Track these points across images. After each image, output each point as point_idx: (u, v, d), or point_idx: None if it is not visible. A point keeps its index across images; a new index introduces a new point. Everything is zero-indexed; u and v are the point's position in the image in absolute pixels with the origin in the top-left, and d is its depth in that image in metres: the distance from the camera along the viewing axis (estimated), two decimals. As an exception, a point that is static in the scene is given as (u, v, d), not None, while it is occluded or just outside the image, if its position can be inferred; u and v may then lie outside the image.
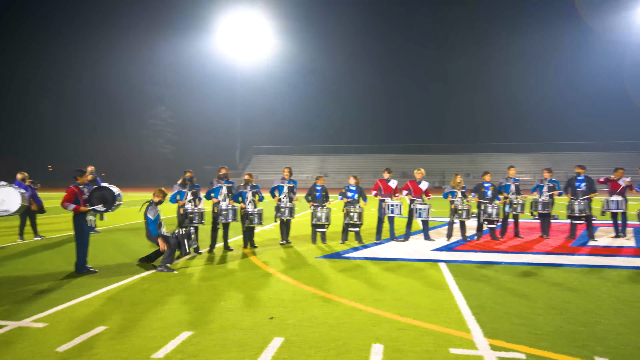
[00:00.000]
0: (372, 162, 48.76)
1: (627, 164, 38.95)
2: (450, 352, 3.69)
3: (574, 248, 8.67)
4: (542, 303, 5.03)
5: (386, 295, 5.42)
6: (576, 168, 9.81)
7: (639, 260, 7.52)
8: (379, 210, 9.54)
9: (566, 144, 48.21)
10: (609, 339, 3.93)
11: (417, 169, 9.81)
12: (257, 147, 56.52)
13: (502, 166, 10.72)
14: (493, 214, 9.34)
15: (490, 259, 7.61)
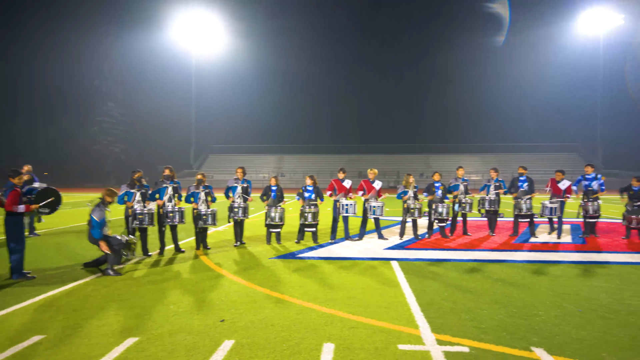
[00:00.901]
0: (329, 162, 49.10)
1: (569, 166, 41.58)
2: (398, 349, 3.77)
3: (517, 245, 9.13)
4: (487, 298, 5.26)
5: (339, 294, 5.46)
6: (519, 169, 10.34)
7: (575, 255, 8.03)
8: (334, 210, 9.62)
9: (514, 145, 50.74)
10: (544, 330, 4.17)
11: (370, 169, 9.97)
12: (213, 146, 55.43)
13: (454, 166, 11.10)
14: (443, 213, 9.67)
15: (440, 257, 7.86)
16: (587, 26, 44.56)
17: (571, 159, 47.51)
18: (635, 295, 5.33)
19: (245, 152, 54.49)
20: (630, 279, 6.20)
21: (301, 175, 42.99)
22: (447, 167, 40.41)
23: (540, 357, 3.57)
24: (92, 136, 50.94)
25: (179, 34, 47.46)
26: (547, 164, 43.61)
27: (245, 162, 47.43)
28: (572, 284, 5.88)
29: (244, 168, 9.42)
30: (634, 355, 3.62)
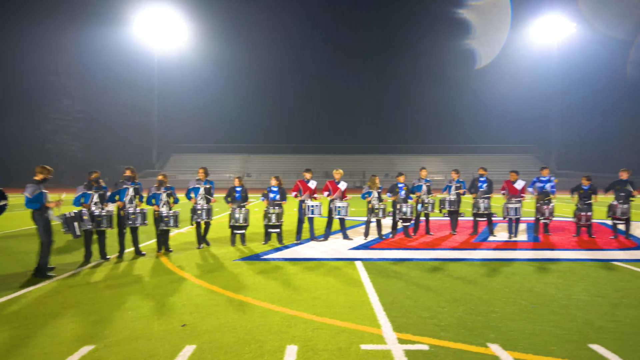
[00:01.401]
0: (296, 163, 49.04)
1: (525, 167, 43.35)
2: (361, 349, 3.82)
3: (476, 243, 9.44)
4: (447, 296, 5.41)
5: (303, 295, 5.47)
6: (480, 170, 10.69)
7: (529, 253, 8.39)
8: (299, 210, 9.62)
9: (475, 147, 52.44)
10: (500, 326, 4.33)
11: (336, 170, 10.05)
12: (176, 145, 54.16)
13: (418, 167, 11.33)
14: (407, 213, 9.87)
15: (403, 256, 8.02)
16: (543, 33, 46.61)
17: (527, 160, 49.62)
18: (583, 291, 5.63)
19: (209, 151, 53.58)
20: (579, 274, 6.54)
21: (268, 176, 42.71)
22: (412, 167, 41.22)
23: (495, 353, 3.71)
24: (46, 134, 48.53)
25: (141, 29, 46.05)
26: (506, 165, 45.31)
27: (209, 162, 46.65)
28: (527, 281, 6.15)
29: (206, 168, 9.27)
30: (579, 347, 3.83)
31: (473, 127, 54.31)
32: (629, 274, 6.62)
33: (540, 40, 47.19)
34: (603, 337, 4.06)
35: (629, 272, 6.70)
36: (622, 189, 9.76)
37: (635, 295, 5.42)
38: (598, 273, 6.66)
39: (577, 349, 3.80)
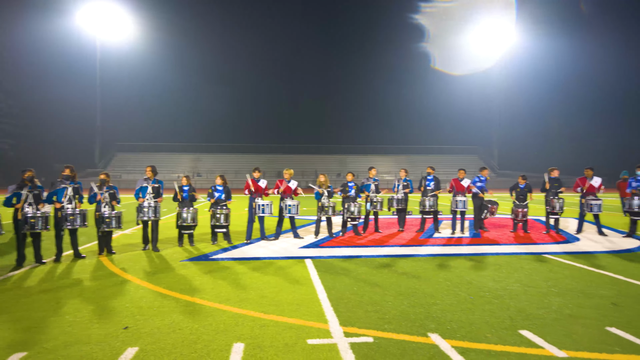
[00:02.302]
0: (248, 162, 48.44)
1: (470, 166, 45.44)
2: (307, 343, 3.88)
3: (423, 240, 9.81)
4: (392, 290, 5.59)
5: (252, 294, 5.45)
6: (428, 169, 11.11)
7: (470, 248, 8.84)
8: (250, 210, 9.55)
9: (423, 147, 54.24)
10: (440, 317, 4.55)
11: (287, 169, 10.07)
12: (121, 143, 51.78)
13: (369, 166, 11.58)
14: (356, 212, 10.07)
15: (352, 253, 8.18)
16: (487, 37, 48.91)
17: (472, 160, 52.02)
18: (517, 282, 6.02)
19: (158, 150, 51.66)
20: (513, 267, 6.98)
21: (218, 175, 41.94)
22: (363, 167, 41.95)
23: (434, 342, 3.89)
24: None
25: (82, 19, 43.56)
26: (452, 164, 47.26)
27: (157, 161, 45.02)
28: (466, 274, 6.48)
29: (154, 167, 8.97)
30: (511, 333, 4.11)
31: (422, 129, 56.18)
32: (557, 265, 7.15)
33: (483, 44, 49.49)
34: (532, 323, 4.37)
35: (557, 264, 7.23)
36: (553, 185, 10.51)
37: (562, 285, 5.87)
38: (531, 265, 7.13)
39: (509, 335, 4.06)
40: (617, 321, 4.42)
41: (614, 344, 3.84)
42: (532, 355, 3.63)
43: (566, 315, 4.62)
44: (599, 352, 3.67)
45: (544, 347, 3.78)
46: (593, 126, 50.72)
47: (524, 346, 3.80)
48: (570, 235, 10.46)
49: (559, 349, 3.72)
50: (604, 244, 9.15)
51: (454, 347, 3.78)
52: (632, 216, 9.97)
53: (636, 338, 3.97)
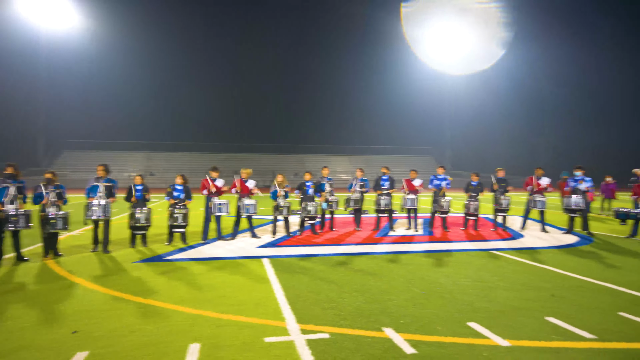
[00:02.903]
0: (204, 161, 47.45)
1: (424, 166, 46.83)
2: (265, 341, 3.90)
3: (378, 238, 10.04)
4: (348, 287, 5.71)
5: (208, 294, 5.39)
6: (383, 169, 11.39)
7: (424, 245, 9.15)
8: (206, 209, 9.40)
9: (379, 147, 55.29)
10: (394, 312, 4.71)
11: (244, 168, 10.01)
12: (69, 140, 49.17)
13: (323, 166, 11.71)
14: (313, 211, 10.15)
15: (309, 252, 8.26)
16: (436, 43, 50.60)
17: (426, 160, 53.67)
18: (466, 277, 6.32)
19: (108, 148, 49.48)
20: (464, 263, 7.31)
21: (173, 175, 40.81)
22: (320, 167, 42.24)
23: (388, 336, 4.03)
24: None
25: (24, 6, 40.96)
26: (407, 165, 48.53)
27: (109, 159, 43.13)
28: (420, 271, 6.72)
29: (107, 165, 8.62)
30: (460, 325, 4.32)
31: (379, 129, 57.22)
32: (504, 260, 7.55)
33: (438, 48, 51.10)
34: (479, 315, 4.61)
35: (504, 259, 7.64)
36: (500, 185, 11.09)
37: (508, 279, 6.22)
38: (480, 261, 7.49)
39: (458, 327, 4.27)
40: (555, 311, 4.75)
41: (551, 333, 4.13)
42: (479, 345, 3.84)
43: (510, 307, 4.91)
44: (539, 341, 3.94)
45: (489, 337, 4.01)
46: (537, 128, 53.83)
47: (472, 337, 4.01)
48: (515, 232, 11.06)
49: (503, 339, 3.96)
50: (546, 240, 9.76)
51: (407, 340, 3.93)
52: (570, 214, 10.70)
53: (571, 326, 4.29)
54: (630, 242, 9.60)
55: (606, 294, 5.44)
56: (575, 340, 3.96)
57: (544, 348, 3.77)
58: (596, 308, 4.87)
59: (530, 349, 3.75)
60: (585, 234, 10.59)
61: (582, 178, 10.59)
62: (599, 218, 14.48)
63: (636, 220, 10.10)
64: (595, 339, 3.97)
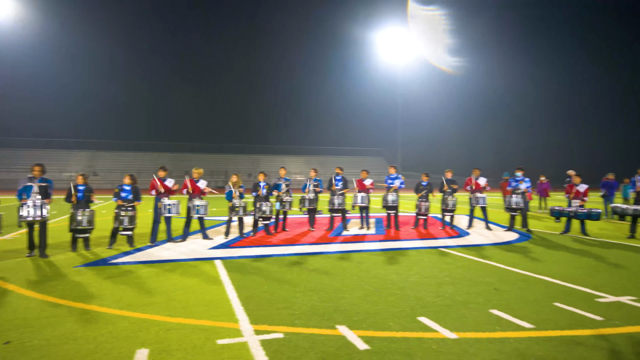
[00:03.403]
0: (152, 160, 45.75)
1: (377, 167, 47.78)
2: (217, 344, 3.81)
3: (332, 238, 10.13)
4: (302, 287, 5.71)
5: (157, 298, 5.20)
6: (336, 169, 11.50)
7: (377, 244, 9.33)
8: (155, 210, 9.07)
9: (333, 148, 55.86)
10: (348, 310, 4.76)
11: (196, 168, 9.76)
12: (1, 138, 45.72)
13: (280, 167, 11.66)
14: (267, 211, 10.07)
15: (263, 253, 8.18)
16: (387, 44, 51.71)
17: (378, 161, 54.85)
18: (417, 274, 6.51)
19: (46, 146, 46.50)
20: (414, 260, 7.53)
21: (118, 175, 38.92)
22: (274, 167, 41.99)
23: (342, 333, 4.07)
24: None
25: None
26: (360, 165, 49.32)
27: (47, 158, 40.50)
28: (373, 269, 6.84)
29: (43, 165, 8.06)
30: (411, 320, 4.44)
31: (332, 131, 57.87)
32: (452, 257, 7.86)
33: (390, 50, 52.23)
34: (429, 310, 4.77)
35: (452, 256, 7.94)
36: (449, 185, 11.54)
37: (455, 275, 6.47)
38: (429, 258, 7.75)
39: (409, 322, 4.39)
40: (498, 304, 5.00)
41: (495, 324, 4.35)
42: (429, 338, 3.96)
43: (457, 301, 5.11)
44: (483, 332, 4.13)
45: (438, 330, 4.15)
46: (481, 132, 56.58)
47: (422, 331, 4.13)
48: (462, 230, 11.55)
49: (451, 332, 4.11)
50: (490, 237, 10.26)
51: (360, 336, 3.98)
52: (511, 212, 11.32)
53: (512, 317, 4.53)
54: (564, 237, 10.30)
55: (543, 286, 5.80)
56: (516, 330, 4.18)
57: (489, 338, 3.96)
58: (534, 299, 5.18)
59: (475, 340, 3.92)
60: (525, 231, 11.25)
61: (522, 179, 11.24)
62: (536, 216, 15.43)
63: (569, 218, 10.85)
64: (534, 328, 4.22)
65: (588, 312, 4.68)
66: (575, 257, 7.91)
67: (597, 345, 3.82)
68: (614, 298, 5.24)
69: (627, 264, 7.30)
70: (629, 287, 5.79)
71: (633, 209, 10.14)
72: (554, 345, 3.81)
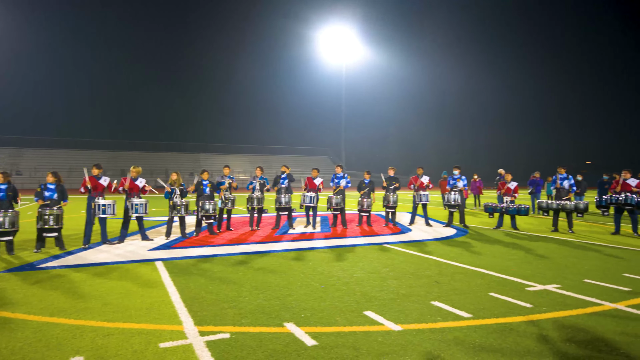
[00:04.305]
0: (85, 158, 42.97)
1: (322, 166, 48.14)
2: (159, 347, 3.65)
3: (278, 236, 10.07)
4: (248, 286, 5.62)
5: (92, 303, 4.88)
6: (282, 167, 11.45)
7: (323, 242, 9.40)
8: (88, 211, 8.52)
9: (278, 147, 55.60)
10: (295, 307, 4.76)
11: (134, 166, 9.30)
12: None
13: (224, 165, 11.42)
14: (211, 209, 9.81)
15: (208, 253, 7.96)
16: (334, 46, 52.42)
17: (323, 160, 55.34)
18: (362, 270, 6.64)
19: (-39, 143, 42.28)
20: (359, 257, 7.68)
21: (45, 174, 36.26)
22: (217, 166, 41.14)
23: (290, 330, 4.05)
24: None
25: None
26: (305, 164, 49.50)
27: (-39, 155, 36.81)
28: (319, 266, 6.89)
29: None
30: (357, 314, 4.52)
31: (277, 130, 57.66)
32: (394, 253, 8.10)
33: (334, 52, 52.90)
34: (374, 304, 4.88)
35: (394, 252, 8.19)
36: (391, 183, 11.89)
37: (398, 269, 6.67)
38: (373, 254, 7.93)
39: (355, 316, 4.47)
40: (438, 296, 5.22)
41: (436, 315, 4.53)
42: (374, 332, 4.05)
43: (401, 294, 5.28)
44: (426, 323, 4.29)
45: (383, 323, 4.26)
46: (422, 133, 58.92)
47: (368, 325, 4.22)
48: (404, 226, 11.94)
49: (395, 324, 4.23)
50: (430, 233, 10.70)
51: (308, 333, 3.99)
52: (450, 209, 11.88)
53: (452, 308, 4.75)
54: (497, 232, 10.98)
55: (479, 278, 6.14)
56: (456, 320, 4.39)
57: (431, 329, 4.12)
58: (471, 290, 5.47)
59: (419, 331, 4.07)
60: (462, 226, 11.85)
61: (460, 177, 11.83)
62: (472, 212, 16.31)
63: (501, 214, 11.58)
64: (472, 317, 4.45)
65: (519, 300, 5.02)
66: (507, 250, 8.46)
67: (527, 330, 4.10)
68: (541, 287, 5.66)
69: (552, 255, 7.92)
70: (554, 276, 6.28)
71: (557, 204, 11.01)
72: (490, 332, 4.04)
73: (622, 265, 7.00)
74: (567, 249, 8.51)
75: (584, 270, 6.63)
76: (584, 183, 15.66)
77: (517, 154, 57.13)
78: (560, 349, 3.66)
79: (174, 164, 46.50)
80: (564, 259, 7.55)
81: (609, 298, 5.14)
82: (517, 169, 15.02)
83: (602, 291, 5.45)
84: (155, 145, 50.37)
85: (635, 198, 9.90)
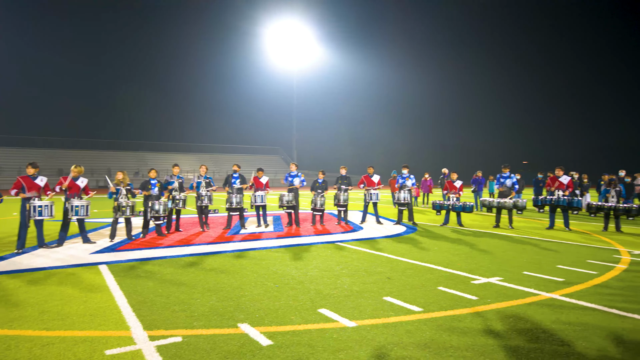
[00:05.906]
0: (18, 157, 39.97)
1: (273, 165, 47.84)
2: (106, 354, 3.46)
3: (230, 237, 9.88)
4: (200, 287, 5.48)
5: (28, 311, 4.55)
6: (234, 166, 11.25)
7: (276, 241, 9.34)
8: (22, 213, 7.92)
9: (228, 146, 54.56)
10: (249, 307, 4.69)
11: (75, 166, 8.76)
12: None
13: (170, 164, 11.03)
14: (161, 210, 9.45)
15: (156, 255, 7.66)
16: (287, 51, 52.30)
17: (274, 160, 55.02)
18: (315, 268, 6.67)
19: None
20: (313, 255, 7.70)
21: (-27, 173, 33.35)
22: (165, 165, 39.76)
23: (244, 331, 3.99)
24: None
25: None
26: (256, 163, 48.97)
27: None
28: (272, 265, 6.83)
29: None
30: (312, 312, 4.53)
31: (227, 128, 56.63)
32: (347, 251, 8.20)
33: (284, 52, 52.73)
34: (328, 302, 4.91)
35: (347, 250, 8.30)
36: (343, 182, 12.04)
37: (351, 267, 6.77)
38: (327, 252, 7.99)
39: (310, 314, 4.48)
40: (390, 291, 5.35)
41: (389, 310, 4.64)
42: (329, 329, 4.08)
43: (354, 291, 5.35)
44: (379, 318, 4.38)
45: (338, 320, 4.30)
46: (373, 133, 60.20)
47: (323, 322, 4.24)
48: (356, 225, 12.13)
49: (350, 320, 4.29)
50: (381, 231, 10.94)
51: (263, 332, 3.95)
52: (400, 207, 12.21)
53: (403, 302, 4.89)
54: (444, 229, 11.42)
55: (428, 273, 6.36)
56: (407, 314, 4.52)
57: (384, 324, 4.21)
58: (421, 285, 5.65)
59: (372, 326, 4.14)
60: (411, 224, 12.22)
61: (408, 176, 12.19)
62: (420, 210, 16.87)
63: (447, 211, 12.06)
64: (422, 311, 4.60)
65: (466, 293, 5.25)
66: (454, 245, 8.82)
67: (474, 321, 4.30)
68: (485, 280, 5.96)
69: (494, 250, 8.36)
70: (496, 269, 6.63)
71: (497, 202, 11.64)
72: (439, 325, 4.19)
73: (556, 258, 7.52)
74: (507, 244, 9.02)
75: (522, 263, 7.05)
76: (521, 181, 16.67)
77: (463, 154, 59.79)
78: (503, 338, 3.86)
79: (116, 163, 44.37)
80: (505, 253, 7.99)
81: (545, 288, 5.50)
82: (460, 168, 15.69)
83: (539, 282, 5.83)
84: (96, 144, 47.81)
85: (565, 199, 10.83)
